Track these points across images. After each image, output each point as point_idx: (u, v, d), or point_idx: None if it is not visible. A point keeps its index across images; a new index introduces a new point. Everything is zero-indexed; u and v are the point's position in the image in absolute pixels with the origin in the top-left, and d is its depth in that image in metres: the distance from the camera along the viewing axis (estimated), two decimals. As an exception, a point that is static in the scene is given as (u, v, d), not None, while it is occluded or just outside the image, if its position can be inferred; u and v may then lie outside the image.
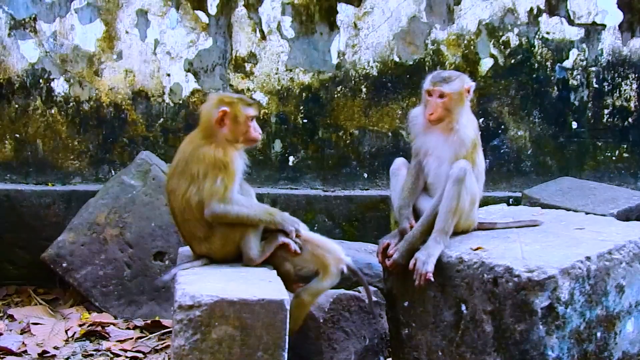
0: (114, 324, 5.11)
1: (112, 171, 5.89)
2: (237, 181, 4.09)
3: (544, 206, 5.06)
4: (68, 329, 5.00)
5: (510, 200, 5.91)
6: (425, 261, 3.98)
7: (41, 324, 5.05)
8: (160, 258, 5.32)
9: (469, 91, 4.21)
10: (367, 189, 6.06)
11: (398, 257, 4.14)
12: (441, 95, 4.13)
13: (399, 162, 4.47)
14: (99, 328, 5.03)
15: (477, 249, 3.96)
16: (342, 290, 4.52)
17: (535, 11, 6.13)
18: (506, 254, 3.86)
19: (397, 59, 6.05)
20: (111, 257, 5.29)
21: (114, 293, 5.28)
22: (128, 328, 5.11)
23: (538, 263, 3.71)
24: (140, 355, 4.74)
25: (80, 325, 5.06)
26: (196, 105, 5.92)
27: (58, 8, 5.77)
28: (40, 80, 5.81)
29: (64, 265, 5.26)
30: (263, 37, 5.93)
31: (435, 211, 4.10)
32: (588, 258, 3.76)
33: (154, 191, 5.35)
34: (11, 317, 5.16)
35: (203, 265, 4.17)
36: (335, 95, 6.03)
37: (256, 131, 4.17)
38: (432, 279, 3.96)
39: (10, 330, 4.96)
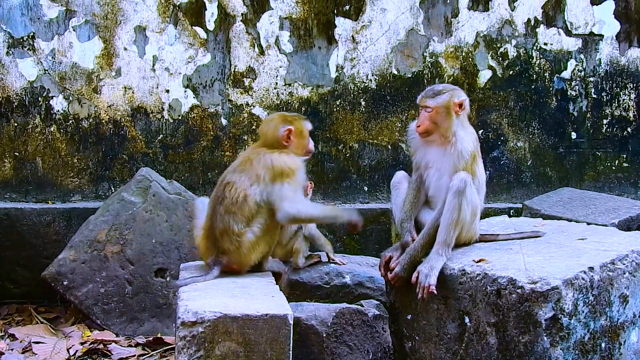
0: (115, 342, 5.09)
1: (112, 188, 5.88)
2: (301, 186, 4.45)
3: (545, 217, 5.07)
4: (70, 348, 4.98)
5: (511, 211, 5.92)
6: (428, 274, 3.97)
7: (43, 342, 5.02)
8: (162, 274, 5.31)
9: (460, 105, 4.20)
10: (368, 202, 6.06)
11: (400, 270, 4.14)
12: (427, 109, 4.17)
13: (400, 175, 4.47)
14: (101, 346, 5.00)
15: (479, 261, 3.95)
16: (345, 305, 4.52)
17: (532, 22, 6.16)
18: (509, 266, 3.85)
19: (395, 72, 6.06)
20: (112, 274, 5.27)
21: (116, 310, 5.26)
22: (130, 345, 5.09)
23: (541, 274, 3.70)
24: (142, 372, 4.72)
25: (82, 344, 5.03)
26: (195, 120, 5.93)
27: (56, 26, 5.78)
28: (39, 98, 5.81)
29: (65, 283, 5.24)
30: (261, 52, 5.95)
31: (437, 224, 4.10)
32: (591, 268, 3.75)
33: (155, 207, 5.35)
34: (12, 336, 5.14)
35: (215, 278, 4.27)
36: (335, 109, 6.04)
37: (311, 144, 4.58)
38: (435, 292, 3.96)
39: (12, 350, 4.94)
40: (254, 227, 4.33)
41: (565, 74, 6.21)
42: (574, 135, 6.25)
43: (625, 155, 6.29)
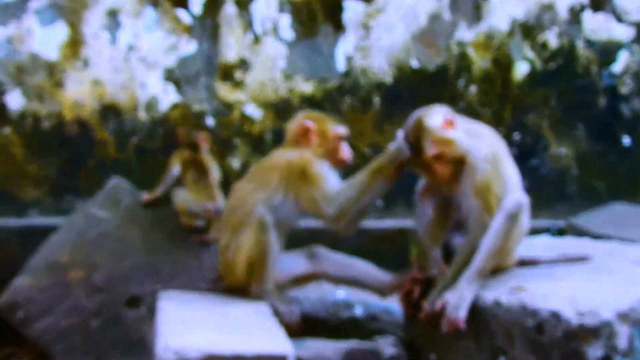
0: (80, 385, 5.09)
1: (77, 201, 5.88)
2: (324, 175, 4.51)
3: (594, 237, 5.09)
4: (25, 391, 4.98)
5: (554, 230, 5.92)
6: (457, 305, 3.98)
7: (-7, 385, 5.02)
8: (135, 304, 5.29)
9: (451, 123, 4.21)
10: (382, 219, 6.07)
11: (431, 308, 4.13)
12: (438, 157, 4.16)
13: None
14: (62, 389, 5.00)
15: (517, 289, 3.96)
16: (356, 342, 4.54)
17: (577, 8, 6.18)
18: (552, 295, 3.86)
19: (415, 64, 6.08)
20: (76, 304, 5.26)
21: (80, 347, 5.25)
22: (97, 389, 5.09)
23: (590, 306, 3.71)
24: (112, 421, 4.71)
25: (39, 387, 5.04)
26: (177, 120, 5.94)
27: (13, 9, 5.79)
28: (-8, 94, 5.84)
29: (20, 314, 5.23)
30: (256, 40, 5.97)
31: (471, 249, 4.11)
32: (650, 299, 3.76)
33: (128, 224, 5.34)
34: (-43, 378, 5.13)
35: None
36: (343, 108, 6.06)
37: (345, 152, 4.68)
38: (464, 327, 3.96)
39: (-44, 393, 4.93)
40: (241, 236, 4.49)
41: (616, 68, 6.23)
42: (626, 140, 6.26)
43: (688, 164, 6.31)
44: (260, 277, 4.54)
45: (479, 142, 4.22)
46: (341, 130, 4.71)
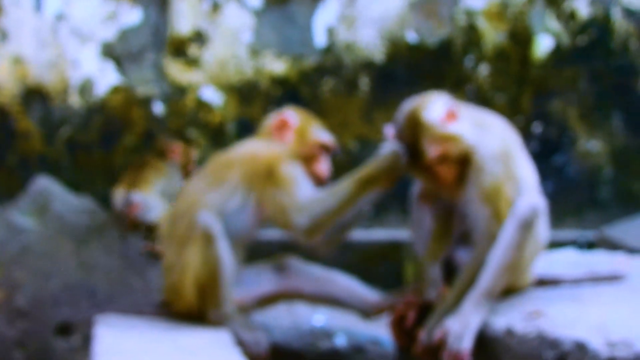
0: None
1: (-6, 206, 5.90)
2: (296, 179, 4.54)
3: (630, 251, 5.12)
4: None
5: (582, 243, 5.94)
6: (460, 334, 4.01)
7: None
8: (67, 332, 5.31)
9: (454, 115, 4.24)
10: (371, 228, 6.10)
11: (429, 339, 4.17)
12: (441, 160, 4.23)
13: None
14: None
15: (534, 315, 4.01)
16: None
17: (613, -32, 6.24)
18: (576, 322, 3.89)
19: (412, 39, 6.12)
20: (-7, 332, 5.30)
21: (-2, 386, 5.29)
22: None
23: (623, 334, 3.74)
24: None
25: None
26: (118, 107, 5.93)
27: None
28: None
29: None
30: (215, 8, 5.99)
31: (477, 266, 4.15)
32: (695, 326, 3.82)
33: (57, 235, 5.35)
34: None
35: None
36: (323, 92, 6.10)
37: (323, 166, 4.71)
38: (469, 360, 4.03)
39: None
40: (186, 252, 4.48)
41: (661, 44, 6.30)
42: (672, 133, 6.33)
43: None
44: (215, 301, 4.55)
45: (488, 136, 4.25)
46: (327, 138, 4.74)
